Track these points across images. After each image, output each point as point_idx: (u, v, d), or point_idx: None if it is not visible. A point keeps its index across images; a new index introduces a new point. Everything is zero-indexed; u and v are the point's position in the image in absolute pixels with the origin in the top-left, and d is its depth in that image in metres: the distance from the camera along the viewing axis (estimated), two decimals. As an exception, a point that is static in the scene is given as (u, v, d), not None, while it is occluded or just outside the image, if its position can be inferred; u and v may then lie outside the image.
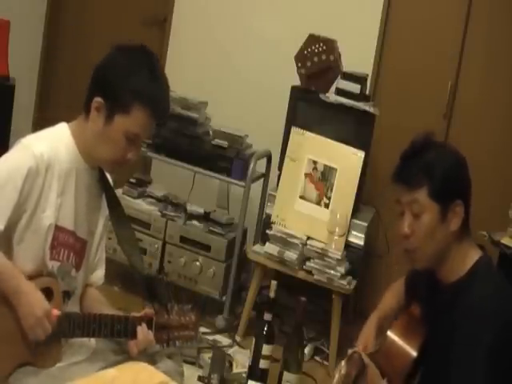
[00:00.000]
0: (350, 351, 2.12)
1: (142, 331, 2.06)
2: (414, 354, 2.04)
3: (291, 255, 3.40)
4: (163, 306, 2.12)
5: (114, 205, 2.22)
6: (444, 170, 1.99)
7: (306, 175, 3.47)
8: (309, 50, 3.54)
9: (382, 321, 2.28)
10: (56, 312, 1.98)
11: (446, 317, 1.99)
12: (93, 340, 2.18)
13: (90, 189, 2.14)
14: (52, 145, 2.03)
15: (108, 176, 2.23)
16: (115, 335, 2.07)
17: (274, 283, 2.85)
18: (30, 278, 2.00)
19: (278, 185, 3.57)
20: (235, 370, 3.17)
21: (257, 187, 3.86)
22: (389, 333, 2.08)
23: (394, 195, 2.04)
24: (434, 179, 1.97)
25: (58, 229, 2.05)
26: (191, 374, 3.01)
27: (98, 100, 2.01)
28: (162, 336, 2.10)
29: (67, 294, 2.12)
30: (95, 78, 2.06)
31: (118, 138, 2.02)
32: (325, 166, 3.45)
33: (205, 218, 3.79)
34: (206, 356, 3.17)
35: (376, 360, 2.11)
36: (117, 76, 2.01)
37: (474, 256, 2.00)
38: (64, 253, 2.08)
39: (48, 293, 2.01)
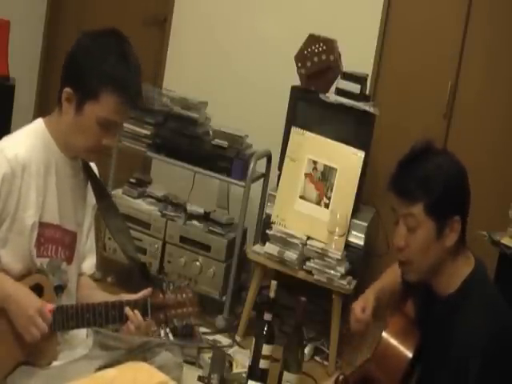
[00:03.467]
0: (336, 375, 2.13)
1: (130, 313, 2.01)
2: (410, 355, 2.04)
3: (291, 255, 3.40)
4: (158, 286, 2.09)
5: (101, 193, 2.20)
6: (442, 185, 1.91)
7: (306, 175, 3.47)
8: (309, 49, 3.54)
9: (382, 291, 2.26)
10: (50, 306, 1.96)
11: (438, 333, 1.98)
12: (90, 338, 2.18)
13: (72, 180, 2.12)
14: (26, 143, 2.02)
15: (93, 165, 2.22)
16: (110, 322, 2.03)
17: (273, 283, 2.86)
18: (20, 277, 2.00)
19: (278, 185, 3.57)
20: (235, 370, 3.17)
21: (257, 187, 3.86)
22: (384, 334, 2.08)
23: (391, 202, 1.99)
24: (431, 195, 1.90)
25: (42, 225, 2.04)
26: (191, 374, 3.01)
27: (67, 90, 2.00)
28: (159, 316, 2.07)
29: (60, 288, 2.11)
30: (63, 67, 2.04)
31: (90, 126, 1.99)
32: (325, 165, 3.44)
33: (205, 218, 3.79)
34: (206, 356, 3.17)
35: (369, 365, 2.11)
36: (82, 62, 1.99)
37: (465, 270, 1.96)
38: (52, 248, 2.07)
39: (39, 289, 2.01)
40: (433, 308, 2.03)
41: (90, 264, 2.29)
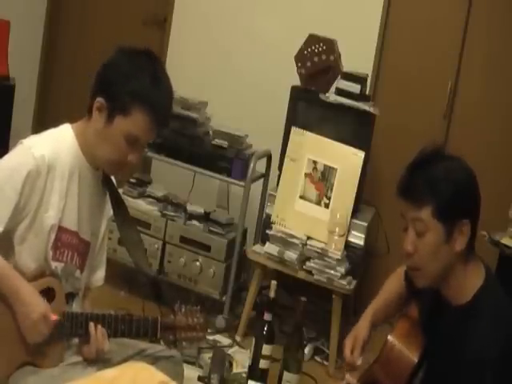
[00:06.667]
0: (344, 382, 2.14)
1: (92, 331, 2.03)
2: (415, 359, 2.04)
3: (291, 255, 3.40)
4: (170, 306, 2.11)
5: (119, 206, 2.22)
6: (450, 188, 1.89)
7: (306, 175, 3.47)
8: (309, 49, 3.54)
9: (379, 312, 2.27)
10: (54, 316, 1.97)
11: (448, 341, 1.97)
12: None
13: (93, 190, 2.14)
14: (54, 146, 2.03)
15: (113, 178, 2.24)
16: (119, 336, 2.07)
17: (273, 283, 2.86)
18: (33, 278, 2.01)
19: (278, 185, 3.57)
20: (235, 370, 3.16)
21: (257, 187, 3.86)
22: (389, 337, 2.08)
23: (399, 208, 1.96)
24: (440, 198, 1.88)
25: (61, 229, 2.05)
26: (191, 374, 3.01)
27: (99, 100, 2.02)
28: (168, 337, 2.09)
29: (71, 296, 2.12)
30: (98, 78, 2.07)
31: (118, 140, 2.01)
32: (325, 165, 3.44)
33: (205, 218, 3.78)
34: (206, 356, 3.17)
35: (375, 368, 2.12)
36: (118, 77, 2.01)
37: (476, 281, 1.94)
38: (68, 254, 2.08)
39: (50, 293, 2.02)
40: (443, 316, 2.02)
41: (99, 276, 2.31)
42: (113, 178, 2.24)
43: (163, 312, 2.10)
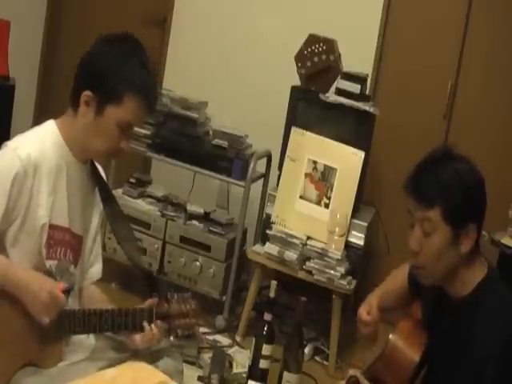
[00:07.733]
0: (348, 375, 2.13)
1: (148, 325, 2.05)
2: (417, 358, 2.04)
3: (291, 255, 3.40)
4: (163, 295, 2.11)
5: (108, 199, 2.21)
6: (461, 192, 1.90)
7: (306, 175, 3.47)
8: (309, 49, 3.54)
9: (385, 295, 2.28)
10: (61, 285, 1.96)
11: (451, 335, 1.98)
12: (92, 339, 2.18)
13: (82, 184, 2.13)
14: (39, 144, 2.02)
15: (101, 170, 2.23)
16: (117, 329, 2.07)
17: (273, 283, 2.86)
18: None
19: (278, 185, 3.57)
20: (235, 370, 3.17)
21: (257, 187, 3.86)
22: (391, 337, 2.09)
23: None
24: (450, 201, 1.88)
25: (52, 227, 2.04)
26: (191, 374, 3.01)
27: (86, 94, 2.00)
28: (163, 326, 2.09)
29: (67, 291, 2.12)
30: (83, 70, 2.05)
31: (111, 129, 2.01)
32: (325, 165, 3.44)
33: (205, 218, 3.79)
34: (206, 356, 3.17)
35: (377, 366, 2.12)
36: (107, 66, 2.00)
37: (479, 275, 1.96)
38: (61, 250, 2.08)
39: None
40: (445, 310, 2.03)
41: (97, 270, 2.30)
42: (102, 171, 2.23)
43: (157, 301, 2.09)
